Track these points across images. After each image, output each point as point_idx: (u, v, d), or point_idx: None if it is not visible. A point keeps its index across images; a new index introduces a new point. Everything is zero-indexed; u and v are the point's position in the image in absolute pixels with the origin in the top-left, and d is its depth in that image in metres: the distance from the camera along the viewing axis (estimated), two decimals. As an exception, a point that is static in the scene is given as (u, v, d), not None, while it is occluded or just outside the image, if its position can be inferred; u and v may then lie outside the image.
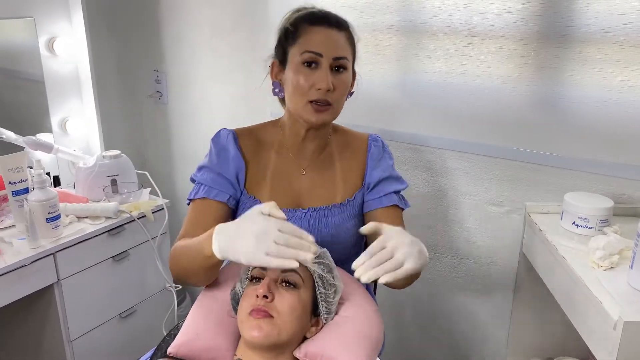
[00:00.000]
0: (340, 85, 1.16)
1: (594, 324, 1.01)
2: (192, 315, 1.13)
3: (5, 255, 1.51)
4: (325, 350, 1.01)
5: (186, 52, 2.09)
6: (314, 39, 1.15)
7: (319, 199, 1.24)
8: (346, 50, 1.17)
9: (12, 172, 1.61)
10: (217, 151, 1.23)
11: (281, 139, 1.27)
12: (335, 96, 1.16)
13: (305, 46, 1.14)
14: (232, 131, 1.26)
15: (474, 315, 1.74)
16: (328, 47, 1.14)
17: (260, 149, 1.26)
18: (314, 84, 1.13)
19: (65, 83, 2.01)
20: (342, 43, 1.17)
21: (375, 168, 1.27)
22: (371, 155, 1.28)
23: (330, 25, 1.16)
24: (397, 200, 1.26)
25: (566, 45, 1.38)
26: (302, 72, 1.14)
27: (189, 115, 2.18)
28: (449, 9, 1.50)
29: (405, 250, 0.92)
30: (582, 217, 1.25)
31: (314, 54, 1.13)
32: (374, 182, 1.26)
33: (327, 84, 1.12)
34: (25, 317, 1.75)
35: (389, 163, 1.29)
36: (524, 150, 1.50)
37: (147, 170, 2.01)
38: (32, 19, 1.86)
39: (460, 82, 1.55)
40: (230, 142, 1.23)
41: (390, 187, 1.26)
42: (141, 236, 1.84)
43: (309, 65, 1.14)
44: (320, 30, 1.15)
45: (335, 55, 1.14)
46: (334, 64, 1.14)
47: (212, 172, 1.21)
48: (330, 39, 1.15)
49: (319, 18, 1.17)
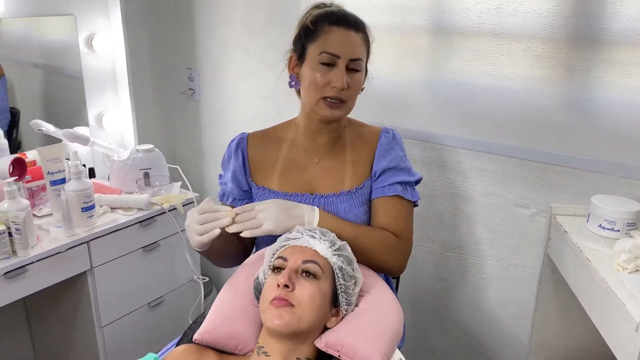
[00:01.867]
0: (354, 84, 1.23)
1: (616, 325, 1.01)
2: (217, 304, 1.17)
3: (42, 242, 1.58)
4: (346, 341, 1.03)
5: (218, 51, 2.14)
6: (332, 40, 1.20)
7: (328, 186, 1.29)
8: (362, 52, 1.23)
9: (51, 163, 1.67)
10: (227, 157, 1.39)
11: (295, 135, 1.35)
12: (348, 94, 1.22)
13: (324, 46, 1.20)
14: (245, 136, 1.38)
15: (496, 316, 1.73)
16: (345, 49, 1.20)
17: (271, 145, 1.36)
18: (329, 82, 1.20)
19: (102, 79, 2.08)
20: (359, 44, 1.22)
21: (383, 157, 1.30)
22: (380, 145, 1.31)
23: (349, 26, 1.21)
24: (400, 191, 1.27)
25: (596, 47, 1.36)
26: (319, 70, 1.21)
27: (220, 112, 2.23)
28: (479, 10, 1.50)
29: (266, 215, 1.15)
30: (609, 219, 1.23)
31: (332, 55, 1.20)
32: (379, 170, 1.29)
33: (342, 83, 1.19)
34: (59, 302, 1.82)
35: (398, 154, 1.31)
36: (551, 152, 1.49)
37: (178, 165, 2.07)
38: (73, 16, 1.93)
39: (488, 83, 1.55)
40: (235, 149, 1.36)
41: (395, 177, 1.28)
42: (171, 228, 1.89)
43: (327, 64, 1.20)
44: (339, 30, 1.21)
45: (352, 57, 1.20)
46: (350, 64, 1.21)
47: (225, 177, 1.38)
48: (348, 40, 1.21)
49: (338, 18, 1.22)
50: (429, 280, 1.83)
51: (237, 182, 1.34)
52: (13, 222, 1.45)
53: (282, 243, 1.13)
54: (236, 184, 1.34)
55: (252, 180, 1.35)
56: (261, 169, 1.34)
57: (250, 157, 1.35)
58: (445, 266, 1.79)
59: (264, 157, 1.35)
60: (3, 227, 1.44)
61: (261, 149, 1.36)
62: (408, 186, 1.30)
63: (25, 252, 1.49)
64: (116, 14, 1.99)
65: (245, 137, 1.38)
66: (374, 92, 1.70)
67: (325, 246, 1.09)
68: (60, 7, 1.90)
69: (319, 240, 1.10)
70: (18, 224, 1.45)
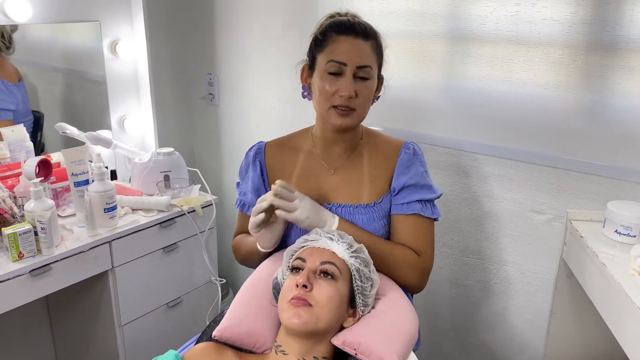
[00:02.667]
0: (363, 92, 1.22)
1: (632, 330, 1.01)
2: (236, 302, 1.19)
3: (66, 241, 1.62)
4: (363, 340, 1.05)
5: (238, 57, 2.18)
6: (339, 49, 1.21)
7: (345, 197, 1.29)
8: (370, 59, 1.22)
9: (75, 165, 1.72)
10: (245, 167, 1.41)
11: (311, 144, 1.35)
12: (358, 102, 1.22)
13: (331, 55, 1.21)
14: (263, 145, 1.39)
15: (511, 322, 1.73)
16: (352, 57, 1.20)
17: (288, 154, 1.36)
18: (337, 90, 1.21)
19: (125, 83, 2.12)
20: (367, 52, 1.22)
21: (403, 174, 1.28)
22: (400, 161, 1.29)
23: (356, 35, 1.21)
24: (419, 209, 1.27)
25: (614, 53, 1.37)
26: (327, 80, 1.22)
27: (239, 117, 2.26)
28: (496, 17, 1.52)
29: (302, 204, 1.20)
30: (625, 225, 1.24)
31: (339, 63, 1.20)
32: (399, 187, 1.28)
33: (349, 92, 1.19)
34: (80, 300, 1.87)
35: (418, 170, 1.29)
36: (568, 158, 1.50)
37: (198, 168, 2.11)
38: (98, 22, 1.98)
39: (505, 89, 1.56)
40: (253, 159, 1.38)
41: (414, 196, 1.27)
42: (190, 230, 1.93)
43: (334, 73, 1.21)
44: (345, 39, 1.21)
45: (359, 64, 1.20)
46: (357, 72, 1.20)
47: (243, 187, 1.41)
48: (354, 48, 1.21)
49: (345, 27, 1.22)
50: (444, 285, 1.84)
51: (257, 192, 1.35)
52: (39, 222, 1.49)
53: (300, 244, 1.16)
54: (256, 194, 1.35)
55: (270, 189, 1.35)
56: (278, 178, 1.32)
57: (268, 166, 1.37)
58: (460, 271, 1.80)
59: (281, 167, 1.36)
60: (29, 226, 1.49)
61: (278, 158, 1.37)
62: (428, 203, 1.29)
63: (50, 250, 1.53)
64: (139, 20, 2.04)
65: (263, 147, 1.39)
66: (391, 98, 1.71)
67: (343, 248, 1.12)
68: (85, 13, 1.96)
69: (337, 242, 1.13)
70: (43, 224, 1.49)
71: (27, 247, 1.49)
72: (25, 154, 1.81)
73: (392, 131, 1.76)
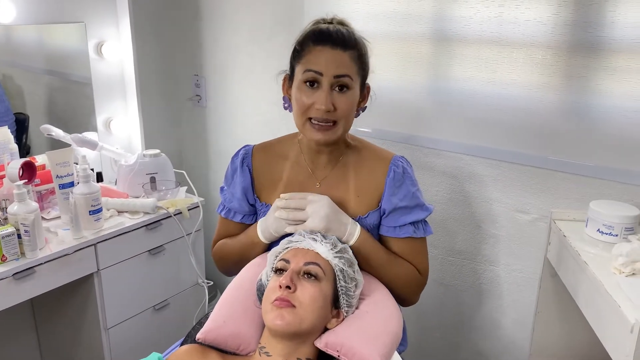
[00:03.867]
0: (342, 104, 1.17)
1: (612, 327, 1.02)
2: (220, 304, 1.19)
3: (50, 244, 1.61)
4: (345, 341, 1.05)
5: (224, 58, 2.17)
6: (314, 59, 1.16)
7: None
8: (349, 69, 1.17)
9: (60, 167, 1.70)
10: (231, 172, 1.37)
11: (298, 151, 1.32)
12: (338, 115, 1.18)
13: (307, 64, 1.17)
14: (250, 149, 1.36)
15: (497, 321, 1.74)
16: (328, 67, 1.15)
17: (275, 161, 1.33)
18: (314, 102, 1.16)
19: (111, 85, 2.11)
20: (345, 62, 1.16)
21: (394, 195, 1.24)
22: (390, 180, 1.25)
23: (334, 44, 1.16)
24: (412, 232, 1.25)
25: (596, 54, 1.39)
26: (304, 91, 1.18)
27: (226, 119, 2.26)
28: (480, 18, 1.53)
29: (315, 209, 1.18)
30: (607, 224, 1.25)
31: (314, 72, 1.16)
32: (389, 209, 1.25)
33: (326, 105, 1.15)
34: (66, 304, 1.85)
35: (409, 190, 1.25)
36: (552, 158, 1.51)
37: (185, 170, 2.10)
38: (83, 23, 1.97)
39: (489, 90, 1.57)
40: (241, 164, 1.34)
41: (406, 218, 1.25)
42: (177, 232, 1.92)
43: (311, 84, 1.17)
44: (322, 49, 1.16)
45: (336, 74, 1.15)
46: (335, 82, 1.16)
47: (228, 192, 1.37)
48: (331, 58, 1.15)
49: (323, 37, 1.17)
50: (430, 285, 1.82)
51: (246, 198, 1.33)
52: (22, 224, 1.48)
53: (284, 245, 1.16)
54: (245, 200, 1.33)
55: (256, 197, 1.34)
56: (265, 186, 1.32)
57: (256, 172, 1.34)
58: (447, 271, 1.80)
59: (268, 175, 1.33)
60: (12, 228, 1.47)
61: (265, 165, 1.33)
62: (420, 224, 1.27)
63: (34, 253, 1.52)
64: (125, 21, 2.03)
65: (250, 151, 1.35)
66: (377, 99, 1.73)
67: (327, 248, 1.12)
68: (70, 14, 1.94)
69: (321, 242, 1.13)
70: (27, 226, 1.48)
71: (11, 250, 1.48)
72: (9, 156, 1.79)
73: (378, 132, 1.77)
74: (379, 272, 1.24)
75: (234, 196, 1.35)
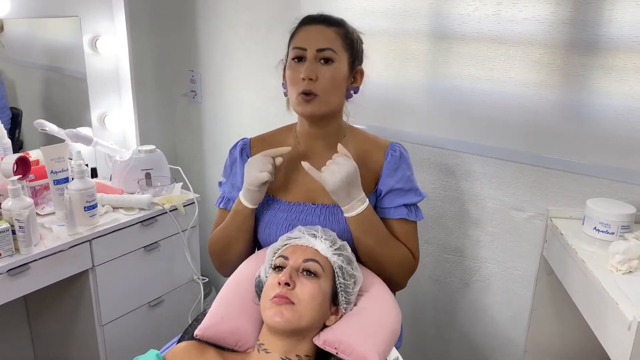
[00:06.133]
0: (324, 75, 1.21)
1: (610, 325, 1.03)
2: (218, 301, 1.19)
3: (45, 240, 1.59)
4: (343, 338, 1.05)
5: (221, 54, 2.16)
6: (300, 37, 1.24)
7: (328, 197, 1.24)
8: (332, 43, 1.22)
9: (54, 162, 1.69)
10: (230, 163, 1.38)
11: (295, 141, 1.34)
12: (320, 86, 1.21)
13: (294, 43, 1.25)
14: (247, 141, 1.38)
15: (492, 318, 1.75)
16: (310, 40, 1.22)
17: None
18: (300, 75, 1.21)
19: (106, 80, 2.10)
20: (328, 36, 1.22)
21: (390, 177, 1.28)
22: (387, 163, 1.29)
23: (319, 22, 1.24)
24: (406, 214, 1.28)
25: (593, 53, 1.39)
26: (292, 67, 1.24)
27: (222, 115, 2.25)
28: (478, 16, 1.53)
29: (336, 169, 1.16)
30: (604, 222, 1.26)
31: (299, 49, 1.22)
32: (385, 190, 1.28)
33: (307, 73, 1.19)
34: (60, 300, 1.84)
35: (405, 173, 1.29)
36: (548, 156, 1.52)
37: (180, 166, 2.09)
38: (78, 18, 1.95)
39: (486, 88, 1.57)
40: (240, 154, 1.36)
41: (401, 200, 1.28)
42: (172, 228, 1.91)
43: (299, 60, 1.23)
44: (307, 28, 1.25)
45: (318, 47, 1.21)
46: (318, 55, 1.21)
47: (228, 184, 1.38)
48: (314, 33, 1.23)
49: (310, 19, 1.26)
50: (426, 282, 1.85)
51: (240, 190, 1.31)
52: (17, 220, 1.47)
53: (283, 242, 1.15)
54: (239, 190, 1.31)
55: None
56: None
57: None
58: (442, 268, 1.81)
59: None
60: (7, 224, 1.46)
61: None
62: (413, 207, 1.30)
63: (28, 249, 1.51)
64: (120, 16, 2.02)
65: (248, 143, 1.37)
66: (374, 96, 1.73)
67: (326, 245, 1.12)
68: (65, 8, 1.93)
69: (320, 239, 1.13)
70: (21, 222, 1.47)
71: (5, 246, 1.47)
72: (2, 151, 1.77)
73: (374, 129, 1.76)
74: (372, 251, 1.24)
75: (234, 186, 1.35)
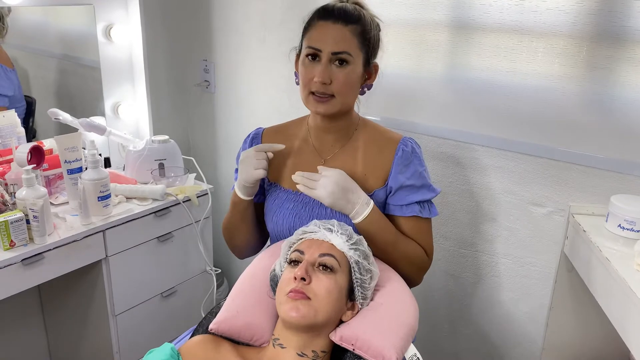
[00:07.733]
0: (339, 78, 1.19)
1: (635, 325, 1.00)
2: (233, 295, 1.17)
3: (59, 229, 1.59)
4: (360, 334, 1.04)
5: (235, 43, 2.14)
6: (315, 34, 1.20)
7: None
8: (349, 45, 1.19)
9: (68, 152, 1.68)
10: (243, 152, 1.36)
11: (306, 133, 1.34)
12: (334, 88, 1.20)
13: (309, 41, 1.21)
14: (260, 131, 1.40)
15: (509, 314, 1.72)
16: (326, 43, 1.18)
17: (284, 141, 1.33)
18: (313, 76, 1.20)
19: (119, 69, 2.08)
20: (345, 37, 1.19)
21: (401, 173, 1.26)
22: (398, 159, 1.26)
23: (336, 19, 1.19)
24: (418, 211, 1.26)
25: (620, 45, 1.35)
26: (306, 65, 1.22)
27: (235, 105, 2.23)
28: (500, 6, 1.49)
29: (325, 182, 1.18)
30: (629, 219, 1.22)
31: (314, 49, 1.20)
32: (396, 187, 1.26)
33: (321, 77, 1.18)
34: (73, 290, 1.84)
35: (417, 170, 1.27)
36: (570, 150, 1.48)
37: (193, 156, 2.08)
38: (92, 6, 1.94)
39: (508, 80, 1.53)
40: (250, 145, 1.38)
41: (413, 197, 1.25)
42: (185, 219, 1.90)
43: (313, 58, 1.20)
44: (323, 25, 1.20)
45: (333, 51, 1.18)
46: (333, 58, 1.19)
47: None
48: (330, 34, 1.19)
49: (326, 13, 1.21)
50: (441, 277, 1.83)
51: None
52: (31, 210, 1.46)
53: (299, 236, 1.13)
54: None
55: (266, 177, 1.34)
56: (274, 165, 1.32)
57: None
58: (458, 263, 1.78)
59: (277, 154, 1.32)
60: (21, 214, 1.46)
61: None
62: (426, 204, 1.28)
63: (42, 239, 1.50)
64: (134, 4, 1.99)
65: (260, 133, 1.39)
66: (391, 87, 1.70)
67: (342, 240, 1.09)
68: (79, -4, 1.91)
69: (336, 234, 1.10)
70: (36, 212, 1.46)
71: (19, 235, 1.46)
72: (16, 140, 1.77)
73: (390, 121, 1.74)
74: (385, 252, 1.23)
75: None
